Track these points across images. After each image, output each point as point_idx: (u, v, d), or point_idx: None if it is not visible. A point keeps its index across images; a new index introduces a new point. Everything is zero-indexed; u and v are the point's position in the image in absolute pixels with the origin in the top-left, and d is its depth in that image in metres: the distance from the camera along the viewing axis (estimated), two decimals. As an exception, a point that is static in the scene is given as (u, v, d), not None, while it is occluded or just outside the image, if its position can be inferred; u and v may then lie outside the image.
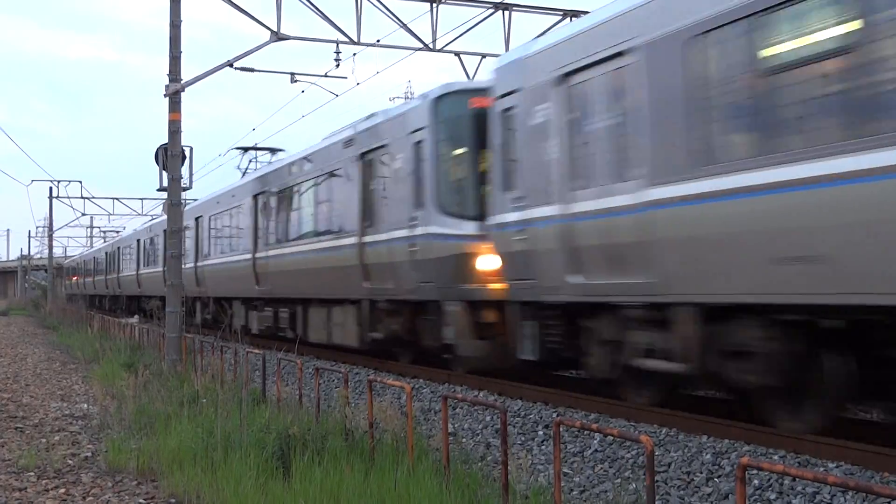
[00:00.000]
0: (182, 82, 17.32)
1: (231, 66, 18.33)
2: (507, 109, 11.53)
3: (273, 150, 29.04)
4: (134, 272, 42.32)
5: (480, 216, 12.66)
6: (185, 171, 17.71)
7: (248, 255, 22.53)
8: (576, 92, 10.28)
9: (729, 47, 8.18)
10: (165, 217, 20.84)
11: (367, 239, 15.64)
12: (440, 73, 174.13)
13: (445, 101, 13.65)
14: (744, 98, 8.08)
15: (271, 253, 20.97)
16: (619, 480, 7.68)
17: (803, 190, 7.38)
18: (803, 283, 7.46)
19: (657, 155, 9.00)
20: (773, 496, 6.68)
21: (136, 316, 39.08)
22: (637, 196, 9.20)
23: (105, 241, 51.93)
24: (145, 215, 60.14)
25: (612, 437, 8.55)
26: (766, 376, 8.19)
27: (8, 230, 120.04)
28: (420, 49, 19.08)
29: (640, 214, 9.17)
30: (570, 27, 11.41)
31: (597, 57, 9.86)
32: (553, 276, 10.62)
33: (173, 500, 7.79)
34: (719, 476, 7.33)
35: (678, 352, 8.93)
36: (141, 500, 7.85)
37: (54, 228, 65.55)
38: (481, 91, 12.96)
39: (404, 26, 18.97)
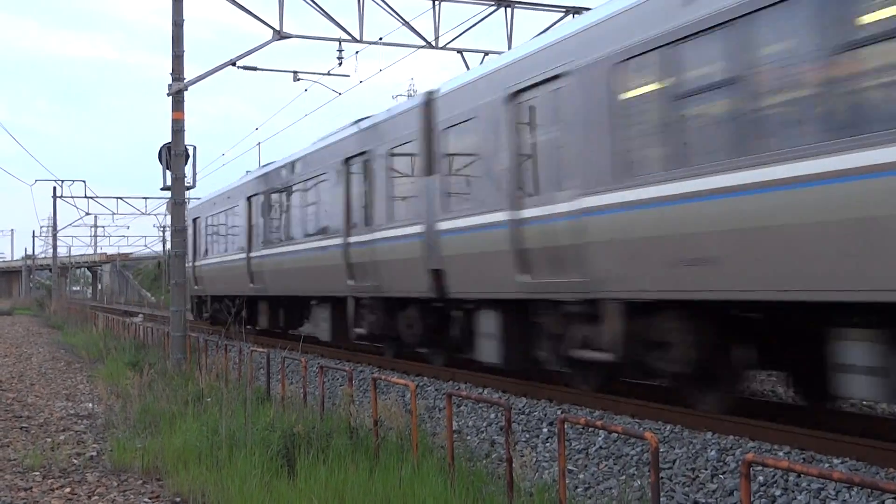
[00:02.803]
0: (185, 81, 17.32)
1: (234, 64, 18.32)
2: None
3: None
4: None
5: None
6: (188, 169, 17.76)
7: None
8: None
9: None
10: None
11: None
12: (443, 71, 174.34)
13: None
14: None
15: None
16: (623, 477, 7.68)
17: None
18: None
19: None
20: (777, 492, 6.68)
21: (141, 315, 39.05)
22: None
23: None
24: (149, 215, 60.17)
25: (616, 434, 8.54)
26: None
27: (12, 230, 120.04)
28: (422, 47, 19.04)
29: None
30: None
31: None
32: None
33: (178, 499, 7.80)
34: (724, 472, 7.32)
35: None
36: (146, 499, 7.86)
37: (58, 228, 65.76)
38: None
39: (406, 24, 18.95)
